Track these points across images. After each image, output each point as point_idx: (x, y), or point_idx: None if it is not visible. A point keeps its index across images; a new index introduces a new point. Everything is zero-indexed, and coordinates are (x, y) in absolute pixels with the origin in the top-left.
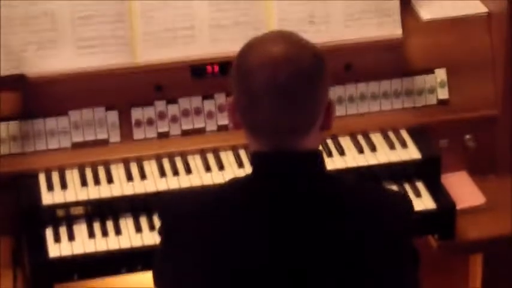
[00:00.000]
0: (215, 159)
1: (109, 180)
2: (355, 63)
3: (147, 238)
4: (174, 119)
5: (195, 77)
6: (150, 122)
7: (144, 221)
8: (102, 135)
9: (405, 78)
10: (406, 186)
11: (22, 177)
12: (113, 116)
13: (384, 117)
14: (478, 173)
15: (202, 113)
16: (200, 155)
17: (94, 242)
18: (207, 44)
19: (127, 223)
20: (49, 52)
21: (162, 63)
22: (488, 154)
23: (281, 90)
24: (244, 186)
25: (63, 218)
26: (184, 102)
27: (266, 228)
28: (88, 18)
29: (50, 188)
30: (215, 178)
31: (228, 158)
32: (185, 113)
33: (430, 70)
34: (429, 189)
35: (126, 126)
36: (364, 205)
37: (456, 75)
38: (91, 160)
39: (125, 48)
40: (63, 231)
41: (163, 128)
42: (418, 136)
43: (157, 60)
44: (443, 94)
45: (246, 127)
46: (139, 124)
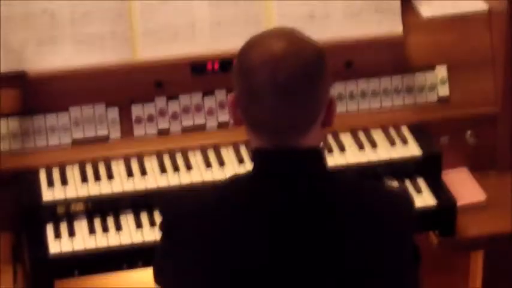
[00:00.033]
0: (216, 155)
1: (109, 176)
2: (356, 60)
3: (148, 234)
4: (175, 116)
5: (196, 74)
6: (151, 119)
7: (145, 217)
8: (102, 131)
9: (406, 75)
10: (407, 182)
11: (22, 173)
12: (114, 113)
13: (385, 114)
14: (479, 170)
15: (202, 110)
16: (201, 152)
17: (94, 238)
18: (208, 41)
19: (127, 219)
20: (49, 49)
21: (163, 59)
22: (488, 151)
23: (282, 87)
24: (245, 185)
25: (63, 214)
26: (184, 98)
27: (266, 228)
28: (88, 15)
29: (51, 184)
30: (216, 174)
31: (229, 155)
32: (186, 110)
33: (431, 67)
34: (430, 185)
35: (126, 122)
36: (364, 205)
37: (457, 72)
38: (91, 156)
39: (125, 44)
40: (63, 227)
41: (163, 125)
42: (419, 133)
43: (157, 56)
44: (443, 91)
45: (247, 124)
46: (139, 121)
